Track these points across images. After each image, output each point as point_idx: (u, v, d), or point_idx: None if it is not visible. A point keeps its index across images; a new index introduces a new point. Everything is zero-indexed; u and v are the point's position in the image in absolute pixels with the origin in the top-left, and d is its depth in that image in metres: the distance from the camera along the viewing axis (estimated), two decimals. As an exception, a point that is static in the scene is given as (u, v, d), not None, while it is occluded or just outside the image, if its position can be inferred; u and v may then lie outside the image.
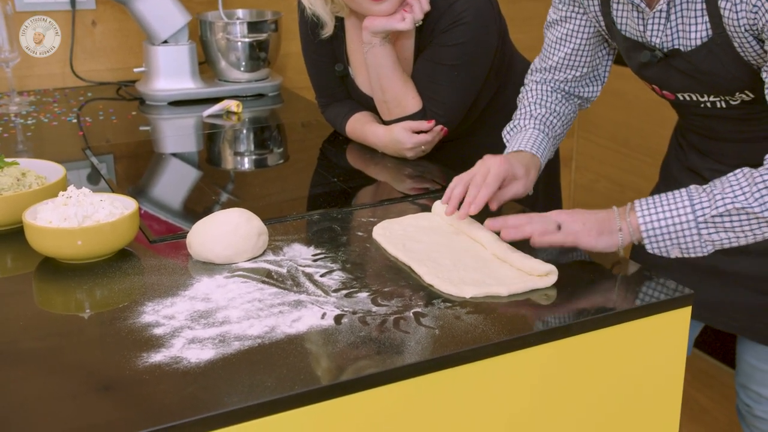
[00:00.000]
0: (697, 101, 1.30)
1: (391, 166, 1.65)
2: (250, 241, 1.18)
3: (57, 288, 1.13)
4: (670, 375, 1.13)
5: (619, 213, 1.17)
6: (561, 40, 1.43)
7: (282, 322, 1.01)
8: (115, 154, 1.79)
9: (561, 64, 1.45)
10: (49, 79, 2.30)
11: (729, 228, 1.11)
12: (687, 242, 1.13)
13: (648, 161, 2.75)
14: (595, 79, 1.49)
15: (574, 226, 1.16)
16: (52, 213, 1.17)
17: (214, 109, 2.06)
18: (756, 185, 1.08)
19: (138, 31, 2.31)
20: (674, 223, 1.13)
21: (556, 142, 1.47)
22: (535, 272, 1.12)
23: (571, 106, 1.50)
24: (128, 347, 0.96)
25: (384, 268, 1.17)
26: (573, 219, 1.17)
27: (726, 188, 1.10)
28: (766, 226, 1.10)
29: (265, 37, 2.22)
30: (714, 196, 1.11)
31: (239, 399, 0.86)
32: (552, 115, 1.45)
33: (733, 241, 1.13)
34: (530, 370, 1.02)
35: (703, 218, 1.11)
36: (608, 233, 1.16)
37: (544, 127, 1.43)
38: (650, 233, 1.14)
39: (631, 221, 1.15)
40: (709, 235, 1.12)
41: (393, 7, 1.58)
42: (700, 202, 1.11)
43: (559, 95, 1.48)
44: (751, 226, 1.10)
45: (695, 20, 1.20)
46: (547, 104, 1.46)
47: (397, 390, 0.93)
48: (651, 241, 1.14)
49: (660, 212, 1.13)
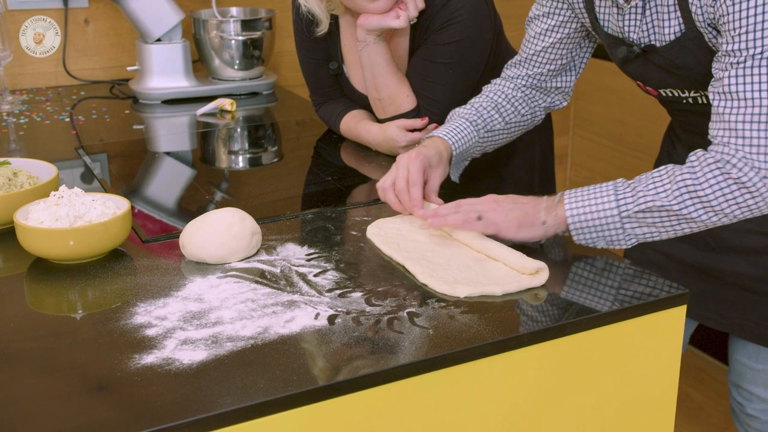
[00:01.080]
0: (679, 97, 1.31)
1: (385, 165, 1.64)
2: (243, 241, 1.18)
3: (49, 289, 1.13)
4: (666, 374, 1.13)
5: (547, 205, 1.19)
6: (540, 34, 1.43)
7: (275, 322, 1.01)
8: (108, 153, 1.78)
9: (537, 55, 1.45)
10: (41, 78, 2.29)
11: (651, 224, 1.14)
12: (612, 235, 1.16)
13: (643, 158, 2.75)
14: (570, 69, 1.49)
15: (496, 217, 1.18)
16: (44, 213, 1.16)
17: (208, 108, 2.05)
18: (676, 183, 1.10)
19: (131, 30, 2.30)
20: (599, 217, 1.15)
21: (493, 137, 1.48)
22: (526, 270, 1.12)
23: (529, 109, 1.50)
24: (120, 348, 0.95)
25: (378, 268, 1.17)
26: (497, 210, 1.19)
27: (649, 185, 1.13)
28: (685, 222, 1.13)
29: (259, 35, 2.21)
30: (637, 192, 1.13)
31: (232, 400, 0.85)
32: (494, 109, 1.47)
33: (655, 235, 1.16)
34: (525, 370, 1.02)
35: (627, 213, 1.14)
36: (529, 226, 1.18)
37: (474, 117, 1.44)
38: (576, 225, 1.16)
39: (558, 213, 1.17)
40: (632, 229, 1.15)
41: (388, 5, 1.57)
42: (624, 197, 1.14)
43: (519, 94, 1.49)
44: (671, 222, 1.13)
45: (668, 15, 1.20)
46: (495, 98, 1.47)
47: (391, 390, 0.92)
48: (577, 232, 1.17)
49: (586, 205, 1.16)
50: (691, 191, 1.10)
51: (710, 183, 1.08)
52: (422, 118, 1.63)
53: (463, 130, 1.43)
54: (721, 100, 1.11)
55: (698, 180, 1.09)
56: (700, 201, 1.10)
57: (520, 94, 1.49)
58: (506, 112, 1.48)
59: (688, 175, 1.10)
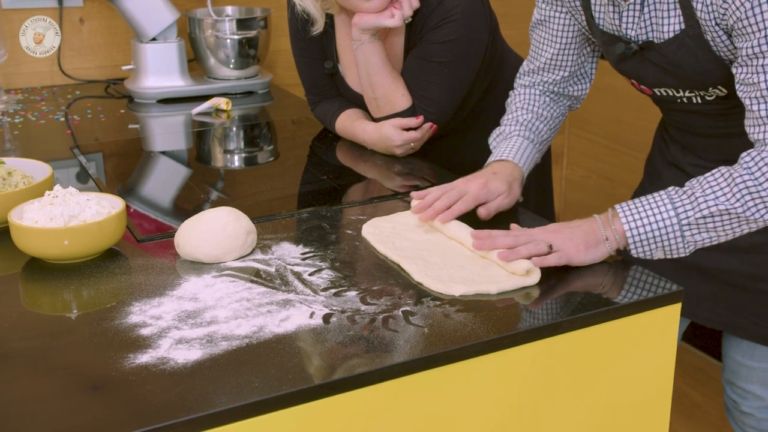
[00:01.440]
0: (673, 96, 1.31)
1: (380, 164, 1.64)
2: (238, 240, 1.18)
3: (43, 288, 1.13)
4: (661, 371, 1.13)
5: (603, 221, 1.16)
6: (547, 41, 1.43)
7: (270, 321, 1.01)
8: (103, 152, 1.78)
9: (548, 64, 1.45)
10: (36, 77, 2.28)
11: (711, 228, 1.13)
12: (671, 244, 1.15)
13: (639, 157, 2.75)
14: (583, 77, 1.49)
15: (563, 243, 1.14)
16: (38, 213, 1.16)
17: (204, 107, 2.05)
18: (736, 186, 1.10)
19: (126, 29, 2.30)
20: (659, 228, 1.14)
21: (543, 147, 1.47)
22: (518, 272, 1.12)
23: (559, 109, 1.50)
24: (115, 348, 0.95)
25: (373, 267, 1.17)
26: (559, 236, 1.15)
27: (707, 190, 1.12)
28: (746, 224, 1.13)
29: (254, 34, 2.21)
30: (696, 199, 1.12)
31: (227, 399, 0.85)
32: (539, 120, 1.45)
33: (714, 239, 1.15)
34: (520, 368, 1.02)
35: (687, 221, 1.13)
36: (595, 245, 1.15)
37: (529, 134, 1.43)
38: (636, 238, 1.15)
39: (616, 228, 1.15)
40: (692, 236, 1.14)
41: (383, 4, 1.57)
42: (682, 205, 1.13)
43: (547, 98, 1.48)
44: (732, 225, 1.13)
45: (668, 12, 1.20)
46: (534, 109, 1.46)
47: (387, 389, 0.92)
48: (636, 245, 1.15)
49: (644, 216, 1.14)
50: (753, 192, 1.10)
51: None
52: (417, 117, 1.63)
53: (526, 149, 1.40)
54: (759, 104, 1.11)
55: (758, 180, 1.09)
56: (762, 201, 1.10)
57: (548, 99, 1.48)
58: (546, 120, 1.47)
59: (747, 175, 1.10)
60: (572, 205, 3.09)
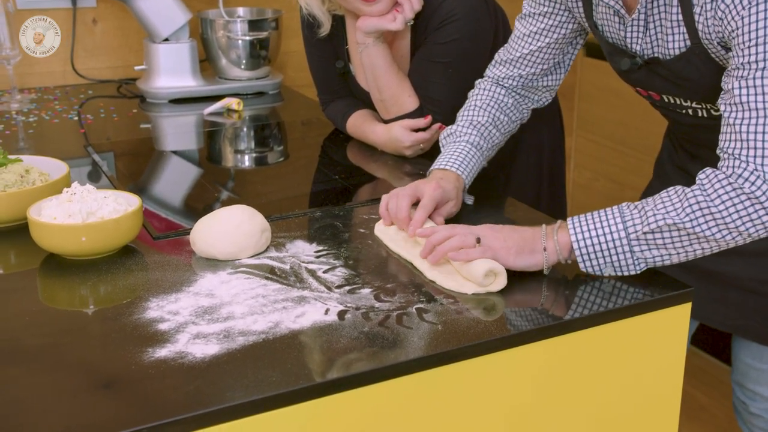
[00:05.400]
0: (680, 105, 1.30)
1: (391, 164, 1.66)
2: (253, 238, 1.19)
3: (61, 284, 1.14)
4: (671, 371, 1.14)
5: (547, 232, 1.14)
6: (536, 34, 1.39)
7: (286, 317, 1.02)
8: (115, 151, 1.79)
9: (526, 58, 1.42)
10: (49, 77, 2.30)
11: (661, 245, 1.10)
12: (620, 260, 1.12)
13: (646, 159, 2.76)
14: (558, 67, 1.45)
15: (494, 242, 1.13)
16: (57, 209, 1.18)
17: (215, 107, 2.06)
18: (687, 200, 1.07)
19: (138, 29, 2.31)
20: (606, 241, 1.11)
21: (491, 153, 1.45)
22: (474, 279, 1.10)
23: (519, 114, 1.47)
24: (133, 343, 0.96)
25: (386, 265, 1.18)
26: (495, 235, 1.14)
27: (658, 205, 1.09)
28: (697, 242, 1.09)
29: (265, 35, 2.22)
30: (645, 213, 1.09)
31: (244, 393, 0.86)
32: (493, 126, 1.42)
33: (665, 258, 1.11)
34: (531, 366, 1.03)
35: (635, 235, 1.10)
36: (529, 252, 1.13)
37: (479, 140, 1.40)
38: (582, 251, 1.12)
39: (560, 239, 1.13)
40: (641, 252, 1.11)
41: (385, 8, 1.58)
42: (632, 219, 1.10)
43: (511, 100, 1.45)
44: (683, 242, 1.09)
45: (672, 30, 1.19)
46: (493, 111, 1.43)
47: (402, 384, 0.94)
48: (584, 259, 1.12)
49: (592, 230, 1.12)
50: (703, 208, 1.06)
51: (722, 199, 1.05)
52: (425, 117, 1.64)
53: (472, 158, 1.38)
54: (732, 112, 1.08)
55: (710, 196, 1.06)
56: (713, 218, 1.06)
57: (512, 101, 1.45)
58: (502, 125, 1.45)
59: (699, 192, 1.07)
60: (579, 207, 3.10)
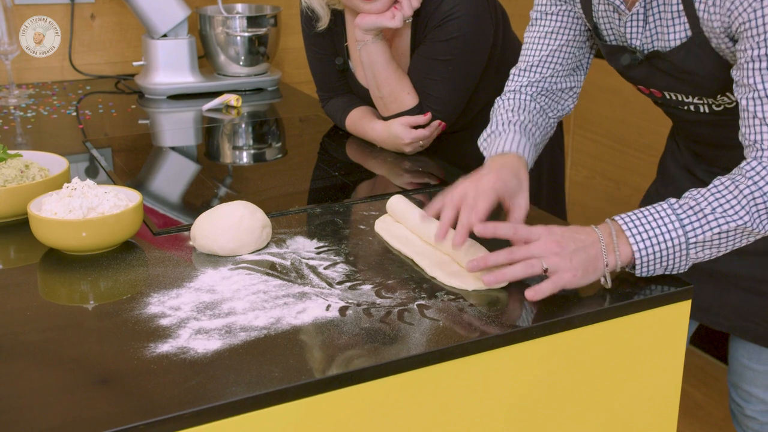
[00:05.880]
0: (682, 102, 1.30)
1: (391, 161, 1.66)
2: (254, 234, 1.19)
3: (61, 279, 1.14)
4: (670, 368, 1.15)
5: (607, 244, 1.08)
6: (546, 36, 1.37)
7: (287, 313, 1.02)
8: (113, 147, 1.79)
9: (547, 59, 1.38)
10: (47, 73, 2.30)
11: (716, 245, 1.09)
12: (675, 262, 1.10)
13: (644, 158, 2.76)
14: (579, 68, 1.43)
15: (562, 268, 1.06)
16: (57, 204, 1.18)
17: (214, 103, 2.06)
18: (744, 199, 1.06)
19: (137, 25, 2.31)
20: (667, 248, 1.08)
21: (537, 151, 1.36)
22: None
23: (549, 120, 1.42)
24: (134, 338, 0.96)
25: (387, 261, 1.18)
26: (560, 255, 1.07)
27: (716, 207, 1.07)
28: (747, 237, 1.09)
29: (264, 31, 2.22)
30: (705, 216, 1.07)
31: (246, 389, 0.86)
32: (531, 123, 1.35)
33: (714, 255, 1.11)
34: (532, 362, 1.03)
35: (695, 239, 1.08)
36: (593, 271, 1.08)
37: (525, 132, 1.32)
38: (644, 260, 1.09)
39: (621, 253, 1.09)
40: (695, 253, 1.10)
41: (384, 6, 1.58)
42: (691, 224, 1.07)
43: (537, 105, 1.39)
44: (736, 240, 1.09)
45: (673, 21, 1.19)
46: (525, 112, 1.36)
47: (403, 381, 0.94)
48: (642, 266, 1.09)
49: (652, 237, 1.08)
50: (759, 204, 1.06)
51: None
52: (425, 114, 1.64)
53: (525, 144, 1.29)
54: (757, 105, 1.08)
55: (764, 190, 1.06)
56: (767, 212, 1.06)
57: (537, 106, 1.40)
58: (538, 125, 1.38)
59: (756, 188, 1.06)
60: (576, 205, 3.11)
